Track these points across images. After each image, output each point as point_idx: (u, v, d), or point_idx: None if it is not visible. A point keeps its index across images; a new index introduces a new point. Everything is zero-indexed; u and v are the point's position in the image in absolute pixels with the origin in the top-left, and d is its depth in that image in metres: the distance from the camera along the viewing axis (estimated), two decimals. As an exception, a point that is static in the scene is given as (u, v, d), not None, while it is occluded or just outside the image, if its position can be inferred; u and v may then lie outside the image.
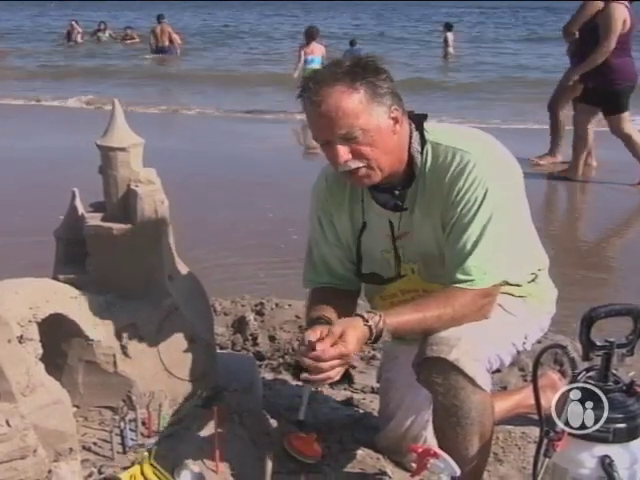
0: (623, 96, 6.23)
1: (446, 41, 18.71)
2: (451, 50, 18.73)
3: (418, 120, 1.91)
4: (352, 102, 1.75)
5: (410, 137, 1.88)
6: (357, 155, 1.79)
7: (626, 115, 6.29)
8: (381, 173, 1.83)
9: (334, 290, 2.03)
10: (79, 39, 23.11)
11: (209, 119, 10.34)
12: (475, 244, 1.79)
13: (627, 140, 6.32)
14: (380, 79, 1.79)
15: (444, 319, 1.79)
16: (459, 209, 1.81)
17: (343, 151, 1.78)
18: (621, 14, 6.06)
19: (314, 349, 1.65)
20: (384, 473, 2.18)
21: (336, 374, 1.69)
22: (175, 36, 19.00)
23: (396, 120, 1.82)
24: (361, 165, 1.80)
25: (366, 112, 1.76)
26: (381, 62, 1.83)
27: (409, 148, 1.87)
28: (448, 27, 19.21)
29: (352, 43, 15.01)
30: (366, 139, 1.77)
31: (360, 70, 1.77)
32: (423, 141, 1.88)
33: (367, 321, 1.73)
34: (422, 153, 1.87)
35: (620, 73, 6.16)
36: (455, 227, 1.82)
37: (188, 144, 8.13)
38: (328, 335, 1.68)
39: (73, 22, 23.82)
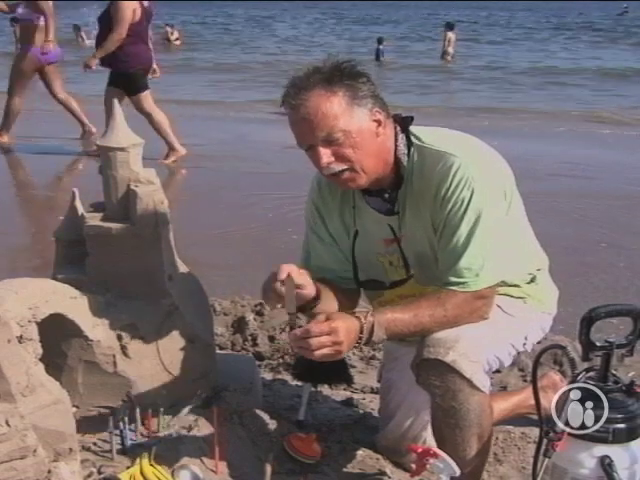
0: (139, 78, 6.76)
1: (445, 41, 18.75)
2: (450, 50, 18.73)
3: (404, 123, 1.91)
4: (331, 104, 1.75)
5: (396, 140, 1.87)
6: (339, 158, 1.78)
7: (145, 94, 6.84)
8: (366, 176, 1.82)
9: (334, 285, 1.99)
10: (89, 41, 23.09)
11: (210, 117, 10.33)
12: (465, 246, 1.78)
13: (149, 118, 6.86)
14: (359, 82, 1.79)
15: (437, 318, 1.78)
16: (447, 211, 1.80)
17: (325, 154, 1.77)
18: (130, 4, 6.51)
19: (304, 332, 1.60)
20: (384, 473, 2.18)
21: (322, 355, 1.61)
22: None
23: (379, 123, 1.81)
24: (344, 168, 1.79)
25: (346, 114, 1.75)
26: (361, 67, 1.83)
27: (395, 151, 1.87)
28: (449, 27, 19.19)
29: (379, 41, 14.91)
30: (348, 141, 1.77)
31: (338, 74, 1.77)
32: (409, 143, 1.87)
33: (355, 313, 1.72)
34: (409, 155, 1.87)
35: (134, 58, 6.66)
36: (445, 229, 1.82)
37: (188, 143, 8.12)
38: (314, 320, 1.65)
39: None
